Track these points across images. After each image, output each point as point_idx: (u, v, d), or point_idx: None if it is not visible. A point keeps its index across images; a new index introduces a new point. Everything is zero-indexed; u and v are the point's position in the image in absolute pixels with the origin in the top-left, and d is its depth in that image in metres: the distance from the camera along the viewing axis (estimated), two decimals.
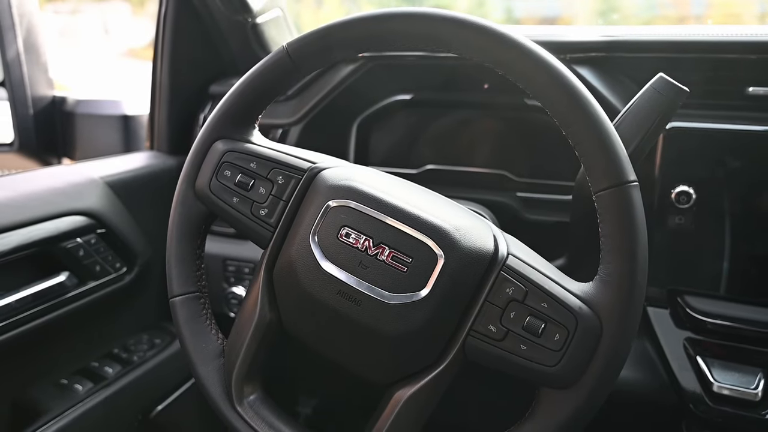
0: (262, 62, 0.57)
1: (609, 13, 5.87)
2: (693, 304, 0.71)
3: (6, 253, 0.65)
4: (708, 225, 0.69)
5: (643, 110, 0.57)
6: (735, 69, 0.72)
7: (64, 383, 0.76)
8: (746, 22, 4.66)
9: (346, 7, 8.52)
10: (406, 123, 0.94)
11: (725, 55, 0.71)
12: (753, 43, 0.70)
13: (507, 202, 0.86)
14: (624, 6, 5.77)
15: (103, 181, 0.81)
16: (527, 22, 7.14)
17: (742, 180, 0.68)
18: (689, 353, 0.71)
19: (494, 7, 7.44)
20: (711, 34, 0.73)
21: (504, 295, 0.48)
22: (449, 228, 0.50)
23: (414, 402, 0.50)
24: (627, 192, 0.46)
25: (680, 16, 5.09)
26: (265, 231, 0.55)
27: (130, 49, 12.33)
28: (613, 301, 0.46)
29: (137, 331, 0.89)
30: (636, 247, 0.46)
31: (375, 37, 0.54)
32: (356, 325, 0.50)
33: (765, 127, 0.67)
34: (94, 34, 10.33)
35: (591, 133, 0.47)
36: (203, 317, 0.58)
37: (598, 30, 0.77)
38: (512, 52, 0.49)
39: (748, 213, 0.68)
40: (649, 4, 5.43)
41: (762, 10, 4.10)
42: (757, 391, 0.66)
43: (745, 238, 0.68)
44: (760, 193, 0.67)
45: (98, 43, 9.10)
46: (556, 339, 0.46)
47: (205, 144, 0.58)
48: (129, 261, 0.83)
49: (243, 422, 0.54)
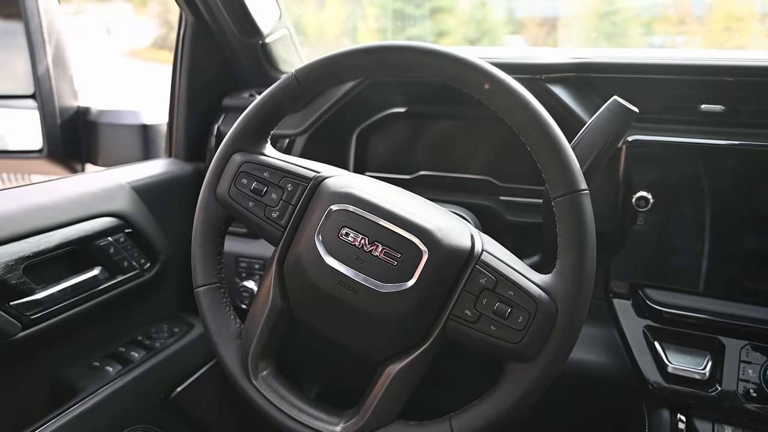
0: (274, 86, 0.66)
1: (610, 14, 5.90)
2: (652, 296, 0.80)
3: (50, 250, 0.75)
4: (664, 226, 0.79)
5: (599, 128, 0.66)
6: (689, 89, 0.80)
7: (96, 365, 0.85)
8: (746, 21, 4.72)
9: (348, 8, 8.55)
10: (401, 133, 1.03)
11: (680, 76, 0.80)
12: (705, 66, 0.79)
13: (491, 206, 0.95)
14: (625, 7, 5.80)
15: (129, 186, 0.90)
16: (528, 22, 7.18)
17: (694, 186, 0.77)
18: (648, 339, 0.80)
19: (496, 8, 7.45)
20: (668, 57, 0.81)
21: (478, 284, 0.57)
22: (432, 228, 0.59)
23: (402, 375, 0.59)
24: (579, 199, 0.56)
25: (681, 16, 5.11)
26: (277, 231, 0.65)
27: (133, 50, 12.26)
28: (566, 290, 0.55)
29: (158, 321, 0.99)
30: (585, 245, 0.55)
31: (370, 66, 0.63)
32: (354, 310, 0.59)
33: (715, 141, 0.76)
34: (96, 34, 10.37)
35: (550, 150, 0.56)
36: (223, 305, 0.67)
37: (569, 52, 0.87)
38: (487, 80, 0.58)
39: (699, 215, 0.77)
40: (651, 4, 5.45)
41: (762, 10, 4.15)
42: (705, 371, 0.75)
43: (697, 238, 0.77)
44: (710, 199, 0.76)
45: (101, 44, 9.14)
46: (520, 321, 0.55)
47: (225, 156, 0.67)
48: (152, 257, 0.92)
49: (258, 393, 0.64)
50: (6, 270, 0.68)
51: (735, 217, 0.75)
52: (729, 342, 0.76)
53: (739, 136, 0.76)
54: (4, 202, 0.72)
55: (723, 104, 0.79)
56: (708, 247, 0.77)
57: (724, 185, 0.75)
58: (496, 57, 0.88)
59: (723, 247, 0.76)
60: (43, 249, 0.73)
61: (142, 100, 1.28)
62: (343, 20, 8.59)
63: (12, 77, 1.11)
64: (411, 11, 6.47)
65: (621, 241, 0.81)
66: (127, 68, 9.18)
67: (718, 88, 0.79)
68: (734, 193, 0.75)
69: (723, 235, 0.76)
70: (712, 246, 0.77)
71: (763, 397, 0.72)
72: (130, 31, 11.87)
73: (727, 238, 0.76)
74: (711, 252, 0.77)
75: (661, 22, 5.27)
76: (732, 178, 0.75)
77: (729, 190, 0.75)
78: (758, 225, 0.74)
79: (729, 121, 0.79)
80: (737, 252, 0.75)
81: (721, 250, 0.76)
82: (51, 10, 1.10)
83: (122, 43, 11.28)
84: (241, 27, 0.90)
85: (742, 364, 0.74)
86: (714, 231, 0.76)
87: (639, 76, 0.81)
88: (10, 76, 1.12)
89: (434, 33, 7.09)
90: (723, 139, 0.76)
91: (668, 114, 0.81)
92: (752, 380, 0.73)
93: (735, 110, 0.79)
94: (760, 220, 0.74)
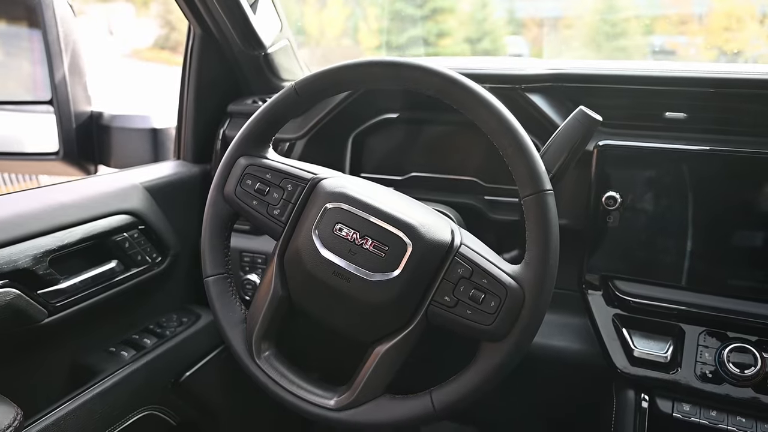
0: (275, 97, 0.74)
1: (610, 15, 5.89)
2: (621, 287, 0.87)
3: (72, 244, 0.82)
4: (631, 223, 0.86)
5: (566, 135, 0.73)
6: (655, 97, 0.88)
7: (113, 350, 0.92)
8: (746, 21, 4.73)
9: (349, 7, 8.44)
10: (394, 137, 1.09)
11: (647, 86, 0.87)
12: (669, 78, 0.86)
13: (476, 204, 1.02)
14: (626, 6, 5.76)
15: (142, 186, 0.98)
16: (529, 22, 7.13)
17: (658, 187, 0.84)
18: (617, 326, 0.87)
19: (497, 8, 7.36)
20: (636, 69, 0.89)
21: (456, 274, 0.65)
22: (416, 224, 0.67)
23: (389, 355, 0.67)
24: (544, 198, 0.63)
25: (682, 15, 5.13)
26: (278, 226, 0.72)
27: (135, 50, 12.24)
28: (532, 278, 0.63)
29: (168, 311, 1.06)
30: (549, 239, 0.63)
31: (364, 78, 0.71)
32: (347, 297, 0.67)
33: (677, 146, 0.84)
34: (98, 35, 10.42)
35: (518, 155, 0.64)
36: (230, 293, 0.75)
37: (546, 64, 0.94)
38: (464, 94, 0.66)
39: (662, 213, 0.84)
40: (651, 4, 5.45)
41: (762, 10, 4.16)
42: (667, 355, 0.82)
43: (660, 234, 0.85)
44: (673, 198, 0.84)
45: (103, 45, 9.18)
46: (492, 305, 0.63)
47: (232, 159, 0.75)
48: (162, 252, 0.99)
49: (261, 371, 0.72)
50: (35, 262, 0.76)
51: (695, 215, 0.82)
52: (688, 329, 0.83)
53: (700, 141, 0.83)
54: (32, 201, 0.80)
55: (685, 112, 0.86)
56: (670, 242, 0.84)
57: (685, 186, 0.82)
58: (481, 68, 0.95)
59: (684, 242, 0.83)
60: (67, 243, 0.81)
61: (145, 101, 1.35)
62: (344, 20, 8.59)
63: (31, 84, 1.18)
64: (412, 12, 6.47)
65: (593, 237, 0.88)
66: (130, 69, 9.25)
67: (681, 97, 0.86)
68: (694, 193, 0.82)
69: (683, 232, 0.83)
70: (674, 241, 0.84)
71: (717, 377, 0.79)
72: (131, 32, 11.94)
73: (687, 234, 0.83)
74: (673, 247, 0.84)
75: (662, 22, 5.27)
76: (693, 180, 0.82)
77: (690, 190, 0.82)
78: (716, 222, 0.81)
79: (691, 128, 0.86)
80: (696, 247, 0.83)
81: (682, 244, 0.83)
82: (67, 21, 1.17)
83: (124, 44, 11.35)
84: (245, 40, 0.98)
85: (699, 348, 0.81)
86: (675, 227, 0.83)
87: (609, 86, 0.89)
88: (30, 83, 1.19)
89: (435, 33, 7.07)
90: (685, 144, 0.83)
91: (636, 121, 0.88)
92: (708, 363, 0.80)
93: (696, 118, 0.86)
94: (717, 217, 0.81)
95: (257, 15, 0.97)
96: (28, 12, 1.15)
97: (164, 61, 10.53)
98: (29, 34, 1.16)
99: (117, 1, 12.30)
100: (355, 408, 0.67)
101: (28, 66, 1.19)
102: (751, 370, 0.77)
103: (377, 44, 6.82)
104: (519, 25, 6.96)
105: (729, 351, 0.79)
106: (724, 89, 0.82)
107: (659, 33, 5.41)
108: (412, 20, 5.98)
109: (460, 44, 7.03)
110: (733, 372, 0.78)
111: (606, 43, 5.71)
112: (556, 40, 5.90)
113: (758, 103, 0.81)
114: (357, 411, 0.67)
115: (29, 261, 0.75)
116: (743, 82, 0.80)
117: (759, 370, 0.77)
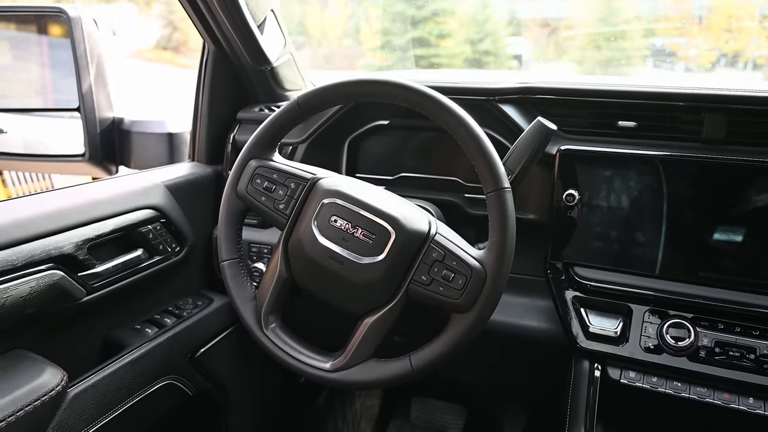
0: (280, 110, 0.87)
1: (611, 17, 5.91)
2: (579, 272, 1.00)
3: (105, 234, 0.95)
4: (588, 217, 0.99)
5: (526, 141, 0.86)
6: (609, 108, 1.01)
7: (138, 327, 1.05)
8: (745, 22, 4.80)
9: (350, 8, 8.38)
10: (385, 141, 1.22)
11: (601, 99, 1.00)
12: (621, 91, 0.99)
13: (457, 201, 1.15)
14: (626, 8, 5.78)
15: (163, 185, 1.11)
16: (530, 24, 7.14)
17: (610, 186, 0.97)
18: (576, 306, 1.00)
19: (498, 9, 7.33)
20: (593, 83, 1.02)
21: (431, 257, 0.78)
22: (399, 216, 0.80)
23: (376, 325, 0.80)
24: (503, 194, 0.77)
25: (682, 16, 5.17)
26: (283, 219, 0.86)
27: (138, 50, 12.24)
28: (493, 261, 0.76)
29: (185, 295, 1.19)
30: (507, 228, 0.76)
31: (355, 93, 0.85)
32: (340, 277, 0.80)
33: (628, 150, 0.97)
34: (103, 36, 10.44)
35: (482, 158, 0.77)
36: (242, 274, 0.89)
37: (517, 77, 1.07)
38: (436, 107, 0.79)
39: (614, 208, 0.97)
40: (651, 6, 5.50)
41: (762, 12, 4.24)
42: (617, 330, 0.95)
43: (612, 226, 0.98)
44: (623, 195, 0.97)
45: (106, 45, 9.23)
46: (460, 283, 0.76)
47: (243, 162, 0.89)
48: (180, 242, 1.13)
49: (268, 340, 0.85)
50: (76, 248, 0.89)
51: (641, 210, 0.95)
52: (636, 308, 0.96)
53: (648, 146, 0.97)
54: (73, 197, 0.93)
55: (636, 121, 1.00)
56: (621, 233, 0.97)
57: (634, 185, 0.96)
58: (461, 83, 1.09)
59: (632, 233, 0.96)
60: (101, 233, 0.94)
61: (157, 104, 1.48)
62: (346, 21, 8.62)
63: (62, 94, 1.32)
64: (413, 13, 6.53)
65: (556, 230, 1.02)
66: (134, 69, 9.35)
67: (632, 108, 0.99)
68: (642, 191, 0.95)
69: (632, 224, 0.96)
70: (624, 232, 0.97)
71: (658, 349, 0.92)
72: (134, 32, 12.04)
73: (635, 225, 0.96)
74: (623, 237, 0.97)
75: (663, 23, 5.30)
76: (640, 180, 0.95)
77: (637, 189, 0.96)
78: (659, 216, 0.94)
79: (641, 134, 0.99)
80: (643, 237, 0.96)
81: (631, 235, 0.97)
82: (93, 36, 1.31)
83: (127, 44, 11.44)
84: (253, 57, 1.11)
85: (644, 324, 0.95)
86: (625, 220, 0.97)
87: (569, 98, 1.02)
88: (61, 93, 1.33)
89: (435, 35, 7.11)
90: (635, 148, 0.97)
91: (593, 128, 1.01)
92: (651, 336, 0.94)
93: (645, 126, 0.99)
94: (660, 212, 0.94)
95: (264, 34, 1.11)
96: (60, 30, 1.29)
97: (167, 61, 10.63)
98: (60, 50, 1.29)
99: (120, 1, 12.38)
100: (347, 369, 0.81)
101: (59, 78, 1.32)
102: (686, 341, 0.90)
103: (379, 45, 6.87)
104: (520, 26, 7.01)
105: (668, 326, 0.92)
106: (666, 102, 0.95)
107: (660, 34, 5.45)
108: (413, 21, 6.07)
109: (461, 45, 7.06)
110: (671, 344, 0.91)
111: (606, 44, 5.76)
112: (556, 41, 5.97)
113: (691, 113, 0.94)
114: (349, 372, 0.81)
115: (72, 247, 0.89)
116: (679, 96, 0.94)
117: (692, 342, 0.90)
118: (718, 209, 0.91)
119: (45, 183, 3.30)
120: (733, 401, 0.88)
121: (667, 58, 5.35)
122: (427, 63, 6.19)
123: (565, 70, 5.55)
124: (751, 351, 0.88)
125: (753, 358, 0.87)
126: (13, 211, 0.84)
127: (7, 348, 0.84)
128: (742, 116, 0.91)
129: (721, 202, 0.91)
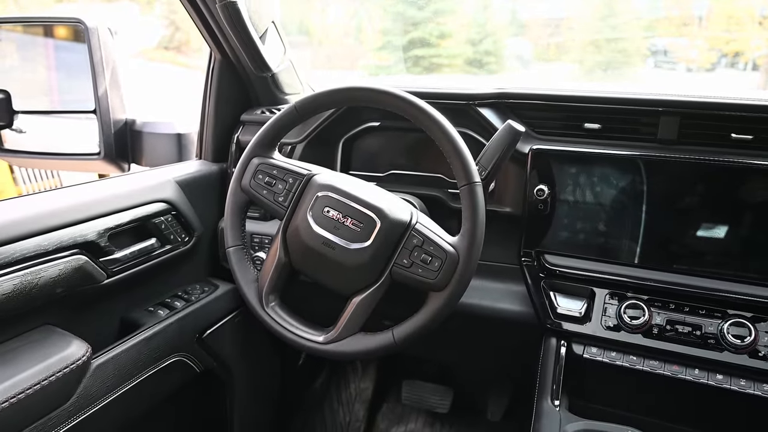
0: (280, 113, 0.98)
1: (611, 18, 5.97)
2: (549, 260, 1.11)
3: (124, 224, 1.07)
4: (556, 210, 1.10)
5: (498, 142, 0.97)
6: (576, 111, 1.11)
7: (151, 310, 1.16)
8: (745, 23, 4.91)
9: (352, 8, 8.42)
10: (376, 141, 1.33)
11: (568, 103, 1.11)
12: (585, 97, 1.10)
13: (441, 196, 1.25)
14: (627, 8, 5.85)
15: (174, 180, 1.22)
16: (531, 24, 7.18)
17: (576, 182, 1.08)
18: (545, 290, 1.11)
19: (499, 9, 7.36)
20: (561, 89, 1.13)
21: (412, 243, 0.89)
22: (383, 207, 0.91)
23: (363, 303, 0.91)
24: (474, 188, 0.88)
25: (682, 17, 5.27)
26: (282, 210, 0.97)
27: (141, 50, 12.23)
28: (465, 246, 0.87)
29: (192, 282, 1.30)
30: (477, 218, 0.87)
31: (346, 99, 0.96)
32: (332, 261, 0.92)
33: (593, 150, 1.08)
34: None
35: (455, 155, 0.88)
36: (246, 259, 1.00)
37: (494, 83, 1.18)
38: (416, 111, 0.90)
39: (580, 202, 1.08)
40: (652, 6, 5.58)
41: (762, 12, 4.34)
42: (581, 311, 1.06)
43: (578, 218, 1.09)
44: (587, 191, 1.08)
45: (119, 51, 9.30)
46: (436, 265, 0.87)
47: (247, 160, 1.00)
48: (189, 233, 1.24)
49: (268, 316, 0.96)
50: (98, 236, 1.01)
51: (605, 203, 1.06)
52: (598, 291, 1.07)
53: (611, 146, 1.07)
54: (95, 191, 1.05)
55: (600, 123, 1.10)
56: (586, 224, 1.08)
57: (597, 181, 1.07)
58: (443, 88, 1.19)
59: (596, 224, 1.07)
60: (120, 223, 1.06)
61: (164, 105, 1.59)
62: (348, 20, 8.65)
63: (79, 97, 1.43)
64: (414, 13, 6.60)
65: (528, 221, 1.13)
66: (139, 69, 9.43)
67: (596, 112, 1.10)
68: (605, 186, 1.06)
69: (596, 215, 1.07)
70: (589, 223, 1.08)
71: (617, 327, 1.03)
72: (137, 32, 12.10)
73: (599, 217, 1.07)
74: (588, 228, 1.08)
75: (664, 22, 5.39)
76: (603, 176, 1.06)
77: (601, 184, 1.06)
78: (621, 208, 1.05)
79: (604, 135, 1.10)
80: (605, 228, 1.07)
81: (595, 226, 1.08)
82: (107, 44, 1.42)
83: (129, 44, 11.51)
84: (255, 64, 1.21)
85: (605, 306, 1.06)
86: (590, 212, 1.08)
87: (540, 102, 1.13)
88: (79, 96, 1.44)
89: (436, 35, 7.17)
90: (599, 148, 1.07)
91: (561, 129, 1.12)
92: (611, 317, 1.05)
93: (608, 128, 1.10)
94: (622, 205, 1.05)
95: (266, 44, 1.21)
96: (77, 37, 1.40)
97: (169, 61, 10.71)
98: (78, 56, 1.41)
99: (121, 1, 12.42)
100: (337, 342, 0.92)
101: (77, 83, 1.43)
102: (641, 320, 1.01)
103: (380, 45, 6.93)
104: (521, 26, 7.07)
105: (626, 307, 1.03)
106: (627, 106, 1.06)
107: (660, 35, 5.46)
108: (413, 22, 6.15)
109: (462, 45, 7.12)
110: (628, 323, 1.02)
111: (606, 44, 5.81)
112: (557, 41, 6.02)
113: (649, 116, 1.05)
114: (339, 344, 0.92)
115: (95, 235, 1.00)
116: (638, 101, 1.05)
117: (647, 320, 1.01)
118: (669, 202, 1.02)
119: (54, 181, 3.42)
120: (681, 372, 0.99)
121: (668, 58, 5.40)
122: (428, 63, 6.25)
123: (565, 70, 5.62)
124: (697, 328, 0.99)
125: (699, 334, 0.98)
126: (46, 203, 0.95)
127: (39, 323, 0.95)
128: (693, 119, 1.02)
129: (672, 196, 1.02)
